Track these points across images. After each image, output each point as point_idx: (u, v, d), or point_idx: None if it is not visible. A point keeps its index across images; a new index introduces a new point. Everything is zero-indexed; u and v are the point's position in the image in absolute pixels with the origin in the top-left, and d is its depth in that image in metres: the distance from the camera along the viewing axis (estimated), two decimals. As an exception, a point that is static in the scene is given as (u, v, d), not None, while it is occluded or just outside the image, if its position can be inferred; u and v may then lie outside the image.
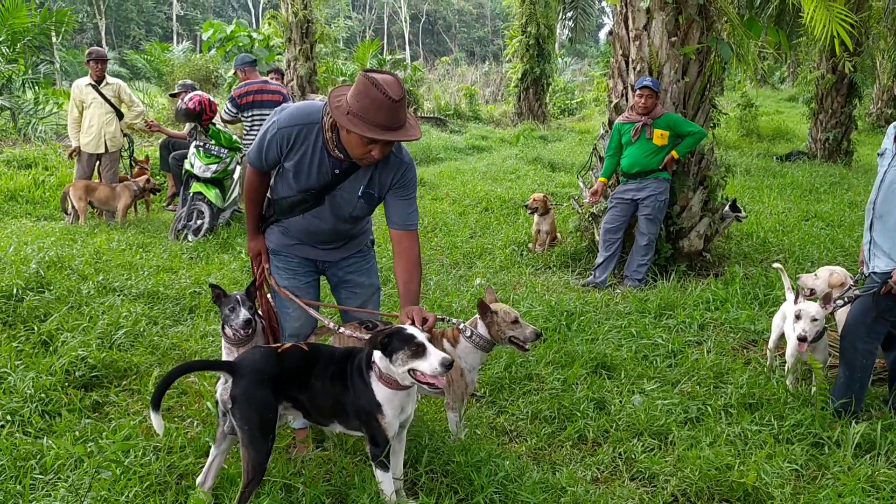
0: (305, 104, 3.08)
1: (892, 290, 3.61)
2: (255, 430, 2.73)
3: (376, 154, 2.88)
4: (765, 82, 30.19)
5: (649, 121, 6.16)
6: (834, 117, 13.51)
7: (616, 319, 5.35)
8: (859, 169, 13.17)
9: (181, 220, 7.77)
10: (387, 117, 2.76)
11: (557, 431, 3.78)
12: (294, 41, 14.75)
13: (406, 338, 2.67)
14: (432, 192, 10.79)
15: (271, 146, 3.03)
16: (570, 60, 41.20)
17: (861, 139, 15.79)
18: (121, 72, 28.87)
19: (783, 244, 7.47)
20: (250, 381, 2.77)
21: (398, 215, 3.17)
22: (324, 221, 3.23)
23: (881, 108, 19.13)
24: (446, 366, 2.62)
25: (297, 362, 2.89)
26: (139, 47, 33.69)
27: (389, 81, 2.76)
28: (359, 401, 2.81)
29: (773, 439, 3.59)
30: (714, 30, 6.67)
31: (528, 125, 19.62)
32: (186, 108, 7.81)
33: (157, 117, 14.76)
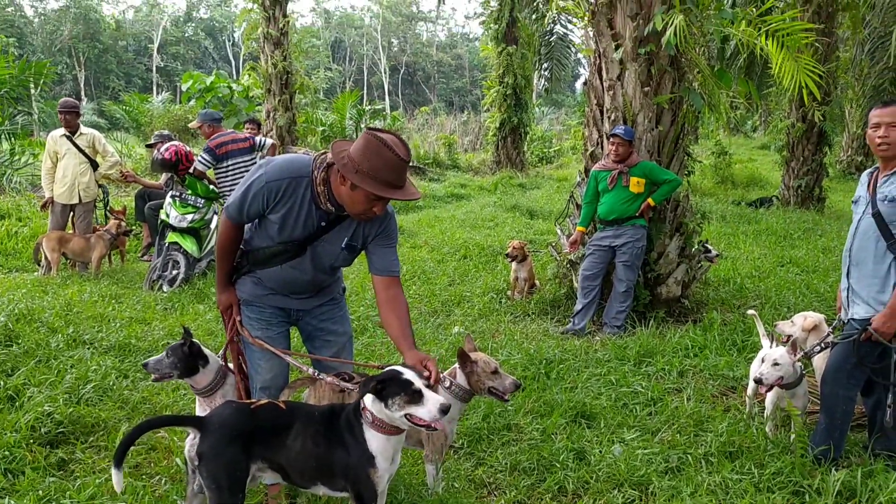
0: (293, 157, 3.07)
1: (871, 336, 3.62)
2: (224, 490, 2.63)
3: (378, 210, 2.93)
4: (737, 131, 30.82)
5: (625, 169, 6.23)
6: (805, 165, 13.76)
7: (595, 367, 5.31)
8: (832, 215, 13.38)
9: (156, 270, 7.68)
10: (395, 176, 2.82)
11: (537, 483, 3.70)
12: (274, 92, 14.88)
13: (403, 383, 2.64)
14: (411, 239, 10.79)
15: (256, 199, 3.00)
16: (548, 110, 41.87)
17: (833, 186, 16.07)
18: (99, 122, 28.91)
19: (759, 290, 7.52)
20: (219, 438, 2.67)
21: (382, 262, 3.16)
22: (303, 272, 3.20)
23: (851, 156, 19.57)
24: (444, 411, 2.61)
25: (272, 421, 2.79)
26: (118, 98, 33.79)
27: (397, 143, 2.83)
28: (348, 457, 2.72)
29: (753, 488, 3.54)
30: (686, 80, 6.80)
31: (507, 173, 19.80)
32: (162, 158, 7.80)
33: (135, 168, 14.73)
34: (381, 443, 2.71)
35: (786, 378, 3.99)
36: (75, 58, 40.17)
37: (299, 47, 16.42)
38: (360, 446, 2.71)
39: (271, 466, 2.80)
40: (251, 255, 3.22)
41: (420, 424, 2.64)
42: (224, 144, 7.74)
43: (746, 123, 32.54)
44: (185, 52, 57.22)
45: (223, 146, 7.72)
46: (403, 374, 2.66)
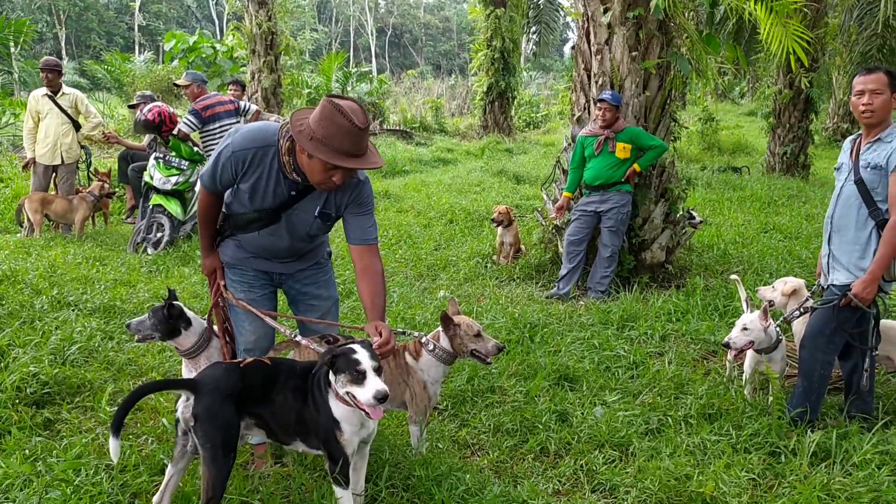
0: (260, 126, 3.04)
1: (851, 302, 3.67)
2: (218, 449, 2.66)
3: (337, 180, 2.87)
4: (725, 97, 30.78)
5: (612, 134, 6.23)
6: (791, 132, 13.80)
7: (579, 331, 5.37)
8: (816, 182, 13.46)
9: (140, 232, 7.64)
10: (351, 144, 2.76)
11: (519, 444, 3.77)
12: (258, 53, 14.67)
13: (351, 362, 2.64)
14: (397, 204, 10.77)
15: (226, 168, 2.99)
16: (536, 74, 41.59)
17: (818, 153, 16.15)
18: (80, 82, 28.42)
19: (742, 256, 7.59)
20: (213, 399, 2.70)
21: (356, 231, 3.15)
22: (280, 239, 3.20)
23: (837, 123, 19.60)
24: (380, 399, 2.58)
25: (259, 377, 2.84)
26: (100, 58, 33.17)
27: (355, 108, 2.77)
28: (318, 417, 2.77)
29: (731, 449, 3.62)
30: (674, 45, 6.77)
31: (494, 138, 19.71)
32: (146, 119, 7.71)
33: (117, 129, 14.53)
34: (344, 412, 2.74)
35: (758, 343, 4.05)
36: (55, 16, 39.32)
37: (284, 7, 16.14)
38: (326, 409, 2.75)
39: (258, 423, 2.85)
40: (231, 219, 3.22)
41: (361, 407, 2.63)
42: (210, 107, 7.66)
43: (734, 90, 32.48)
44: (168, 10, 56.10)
45: (209, 108, 7.64)
46: (355, 354, 2.65)
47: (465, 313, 5.56)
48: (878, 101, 3.62)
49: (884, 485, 3.24)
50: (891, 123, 3.66)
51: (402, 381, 3.45)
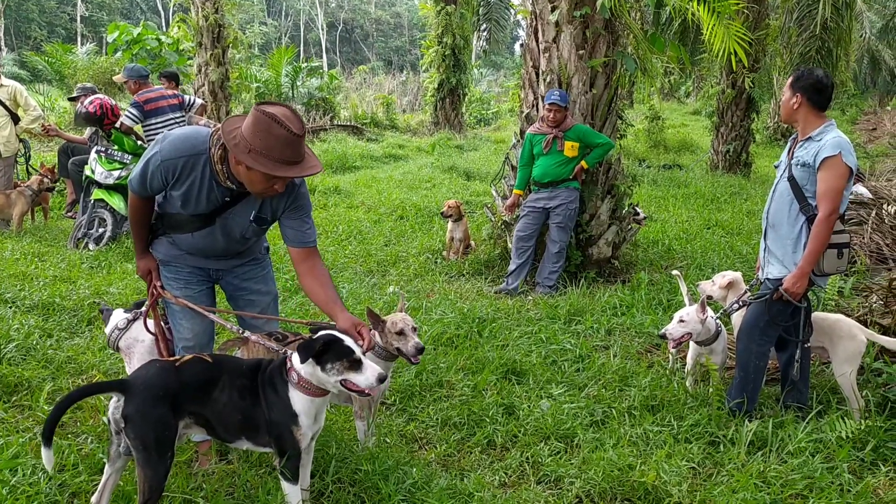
0: (189, 132, 2.97)
1: (782, 296, 3.80)
2: (151, 450, 2.59)
3: (279, 188, 2.84)
4: (671, 96, 31.40)
5: (560, 133, 6.30)
6: (734, 130, 14.16)
7: (527, 326, 5.43)
8: (757, 180, 13.83)
9: (81, 227, 7.44)
10: (290, 153, 2.72)
11: (467, 437, 3.80)
12: (205, 45, 14.39)
13: (344, 351, 2.67)
14: (347, 199, 10.72)
15: (155, 176, 2.92)
16: (486, 71, 41.79)
17: (759, 151, 16.60)
18: (20, 74, 27.47)
19: (686, 251, 7.76)
20: (144, 399, 2.61)
21: (295, 234, 3.09)
22: (214, 241, 3.15)
23: (777, 123, 20.16)
24: (382, 380, 2.68)
25: (198, 375, 2.76)
26: (41, 49, 32.16)
27: (289, 115, 2.72)
28: (272, 414, 2.73)
29: (672, 439, 3.71)
30: (620, 44, 6.88)
31: (445, 134, 19.74)
32: (87, 111, 7.50)
33: (59, 122, 14.14)
34: (304, 403, 2.74)
35: (696, 335, 4.16)
36: (-7, 4, 38.04)
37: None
38: (283, 404, 2.73)
39: (197, 421, 2.78)
40: (164, 219, 3.16)
41: (354, 390, 2.69)
42: (152, 101, 7.49)
43: (679, 89, 33.14)
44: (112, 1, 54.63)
45: (151, 102, 7.47)
46: (344, 342, 2.69)
47: (414, 308, 5.60)
48: (782, 101, 3.93)
49: (817, 472, 3.36)
50: (821, 123, 3.79)
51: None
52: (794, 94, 3.80)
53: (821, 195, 3.66)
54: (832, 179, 3.63)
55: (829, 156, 3.62)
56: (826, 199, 3.64)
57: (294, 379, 2.72)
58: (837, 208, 3.64)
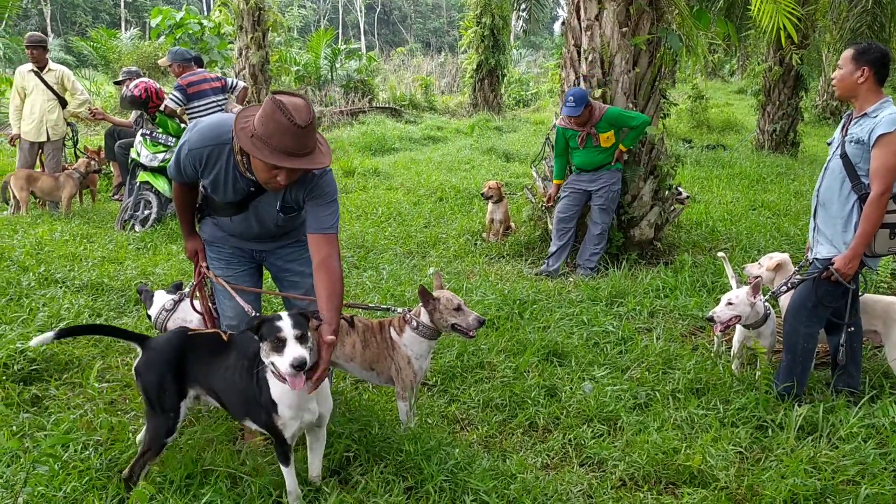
0: (217, 121, 2.97)
1: (831, 275, 3.69)
2: (154, 405, 2.81)
3: (282, 180, 2.77)
4: (715, 75, 30.71)
5: (592, 130, 6.16)
6: (781, 109, 13.79)
7: (568, 307, 5.38)
8: (805, 160, 13.49)
9: (128, 210, 7.58)
10: (292, 143, 2.65)
11: (508, 419, 3.79)
12: (245, 29, 14.48)
13: (273, 328, 2.55)
14: (387, 181, 10.73)
15: (186, 165, 2.98)
16: (525, 52, 41.34)
17: (807, 131, 16.17)
18: (66, 59, 28.02)
19: (731, 233, 7.61)
20: (152, 357, 2.85)
21: (314, 220, 3.00)
22: (251, 226, 3.19)
23: (827, 101, 19.60)
24: (296, 366, 2.48)
25: (209, 348, 2.87)
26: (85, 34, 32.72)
27: (298, 105, 2.66)
28: (259, 397, 2.72)
29: (718, 423, 3.65)
30: (664, 21, 6.73)
31: (483, 116, 19.61)
32: (132, 95, 7.61)
33: (104, 105, 14.37)
34: (280, 391, 2.66)
35: (744, 318, 4.07)
36: (40, -9, 38.81)
37: (272, -18, 15.92)
38: (263, 391, 2.70)
39: (208, 393, 2.90)
40: (207, 201, 3.20)
41: (281, 376, 2.56)
42: (195, 84, 7.57)
43: (724, 67, 32.39)
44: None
45: (194, 85, 7.55)
46: (278, 320, 2.57)
47: (455, 290, 5.59)
48: (837, 76, 3.74)
49: (869, 457, 3.28)
50: (878, 98, 3.66)
51: (388, 357, 3.45)
52: (859, 68, 3.65)
53: (874, 173, 3.54)
54: (887, 157, 3.51)
55: (885, 132, 3.50)
56: (879, 177, 3.52)
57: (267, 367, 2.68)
58: (891, 187, 3.52)
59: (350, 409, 3.67)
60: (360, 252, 6.80)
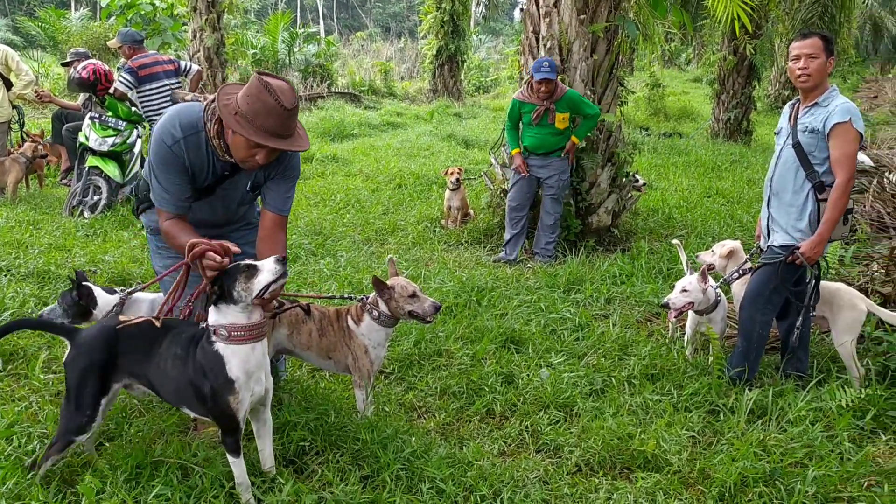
0: (184, 111, 2.91)
1: (796, 260, 3.76)
2: (71, 400, 2.73)
3: (260, 159, 2.80)
4: (671, 63, 31.09)
5: (552, 106, 6.12)
6: (735, 98, 14.02)
7: (526, 294, 5.40)
8: (758, 148, 13.73)
9: (76, 195, 7.37)
10: (276, 124, 2.70)
11: (466, 406, 3.79)
12: (200, 10, 14.14)
13: (235, 269, 2.60)
14: (345, 168, 10.63)
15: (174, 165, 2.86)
16: (485, 38, 41.25)
17: (760, 119, 16.46)
18: (14, 40, 27.07)
19: (687, 220, 7.71)
20: (78, 352, 2.76)
21: (274, 199, 3.07)
22: (213, 210, 3.18)
23: (779, 90, 19.98)
24: (280, 262, 2.58)
25: (140, 338, 2.77)
26: (34, 14, 31.67)
27: (284, 88, 2.71)
28: (206, 385, 2.63)
29: (672, 408, 3.70)
30: (622, 8, 6.76)
31: (443, 102, 19.55)
32: (80, 77, 7.38)
33: (52, 88, 13.97)
34: (241, 359, 2.61)
35: (697, 304, 4.13)
36: (-16, -31, 37.47)
37: (227, -36, 15.57)
38: (218, 372, 2.62)
39: (141, 382, 2.82)
40: None
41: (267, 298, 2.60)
42: (146, 66, 7.36)
43: (680, 56, 32.82)
44: (105, -35, 53.77)
45: (145, 68, 7.34)
46: (237, 265, 2.61)
47: (413, 277, 5.57)
48: (814, 66, 3.72)
49: (817, 440, 3.35)
50: (828, 88, 3.74)
51: (345, 345, 3.42)
52: (829, 58, 3.71)
53: (836, 162, 3.62)
54: (846, 145, 3.59)
55: (841, 122, 3.58)
56: (842, 165, 3.60)
57: (224, 334, 2.61)
58: (853, 174, 3.61)
59: (306, 398, 3.63)
60: (317, 239, 6.73)
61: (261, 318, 2.68)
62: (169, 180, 2.89)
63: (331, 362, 3.53)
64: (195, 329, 2.77)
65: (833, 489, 3.05)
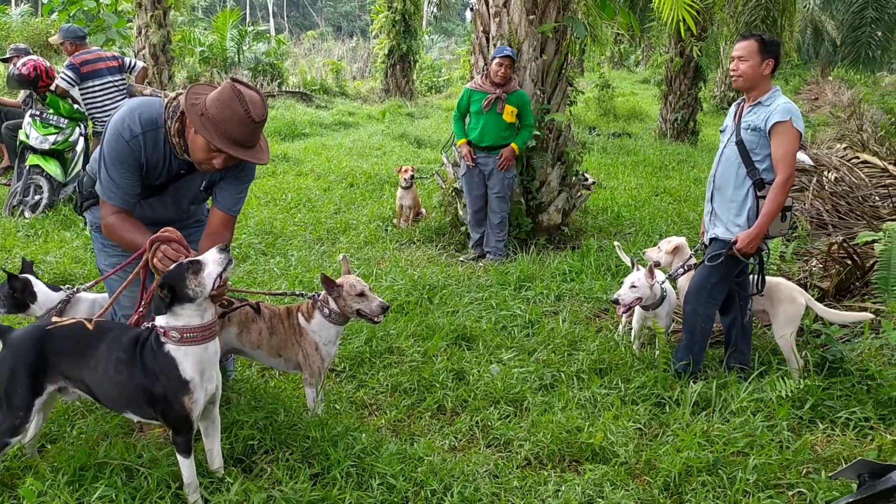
0: (144, 106, 2.86)
1: (734, 253, 3.87)
2: (3, 401, 2.67)
3: (218, 164, 2.79)
4: (621, 65, 31.58)
5: (503, 95, 6.20)
6: (682, 99, 14.32)
7: (477, 292, 5.44)
8: (704, 147, 14.04)
9: (16, 195, 7.16)
10: (241, 134, 2.70)
11: (417, 403, 3.80)
12: (145, 7, 13.87)
13: (181, 267, 2.55)
14: (296, 167, 10.53)
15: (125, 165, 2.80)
16: (437, 38, 41.32)
17: (706, 120, 16.85)
18: (-52, 35, 26.17)
19: (635, 218, 7.85)
20: (7, 354, 2.69)
21: (225, 198, 3.07)
22: (165, 209, 3.13)
23: (724, 91, 20.46)
24: (223, 249, 2.58)
25: (73, 341, 2.70)
26: (-30, 9, 30.64)
27: (255, 100, 2.71)
28: (157, 387, 2.59)
29: (619, 401, 3.77)
30: (570, 9, 6.85)
31: (396, 102, 19.50)
32: (20, 73, 7.16)
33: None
34: (193, 360, 2.58)
35: (645, 299, 4.22)
36: (-84, -39, 36.11)
37: (173, -41, 15.28)
38: (171, 374, 2.58)
39: (77, 386, 2.74)
40: None
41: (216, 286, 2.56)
42: (89, 63, 7.18)
43: (629, 58, 33.35)
44: (46, -40, 52.31)
45: (88, 64, 7.16)
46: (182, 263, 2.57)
47: (365, 276, 5.56)
48: (744, 67, 3.85)
49: (758, 430, 3.46)
50: (770, 88, 3.86)
51: (295, 343, 3.40)
52: (765, 59, 3.81)
53: (778, 160, 3.73)
54: (786, 143, 3.71)
55: (781, 121, 3.69)
56: (783, 163, 3.72)
57: (175, 336, 2.57)
58: (793, 172, 3.73)
59: (256, 396, 3.60)
60: (268, 238, 6.66)
61: (213, 316, 2.66)
62: (120, 174, 2.83)
63: (281, 360, 3.50)
64: (137, 331, 2.71)
65: (773, 477, 3.14)
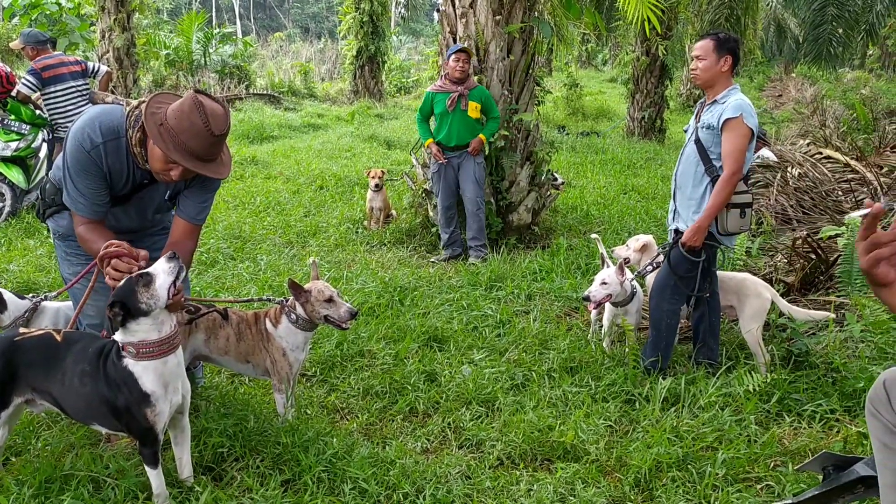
0: (105, 114, 2.81)
1: (682, 246, 3.91)
2: None
3: (175, 175, 2.72)
4: (588, 64, 31.80)
5: (465, 91, 6.21)
6: (649, 97, 14.47)
7: (448, 293, 5.44)
8: (671, 145, 14.19)
9: (-23, 203, 7.03)
10: (199, 147, 2.64)
11: (389, 406, 3.79)
12: (108, 10, 13.66)
13: (131, 281, 2.48)
14: (265, 170, 10.45)
15: (89, 174, 2.75)
16: (406, 39, 41.28)
17: (673, 118, 17.02)
18: None
19: (604, 216, 7.91)
20: None
21: (188, 208, 2.99)
22: (128, 217, 3.08)
23: (690, 90, 20.69)
24: (172, 257, 2.52)
25: (40, 352, 2.66)
26: (-73, 13, 29.95)
27: (217, 113, 2.64)
28: (120, 400, 2.55)
29: (590, 399, 3.80)
30: (536, 9, 6.89)
31: (365, 103, 19.45)
32: (-22, 79, 7.04)
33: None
34: (153, 374, 2.54)
35: (615, 296, 4.25)
36: None
37: (136, -38, 15.08)
38: (132, 387, 2.54)
39: (45, 398, 2.70)
40: None
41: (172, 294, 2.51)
42: (51, 68, 7.06)
43: (597, 57, 33.60)
44: (6, -38, 51.32)
45: (50, 69, 7.04)
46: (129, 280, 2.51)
47: (335, 279, 5.53)
48: (701, 66, 3.92)
49: (726, 424, 3.50)
50: (728, 86, 3.90)
51: (263, 349, 3.37)
52: (721, 57, 3.86)
53: (725, 155, 3.78)
54: (735, 140, 3.74)
55: (731, 117, 3.74)
56: (730, 158, 3.76)
57: (133, 351, 2.53)
58: (741, 168, 3.77)
59: (225, 403, 3.56)
60: (236, 243, 6.60)
61: (171, 329, 2.60)
62: (85, 185, 2.78)
63: (249, 366, 3.47)
64: (102, 343, 2.67)
65: (742, 470, 3.19)
